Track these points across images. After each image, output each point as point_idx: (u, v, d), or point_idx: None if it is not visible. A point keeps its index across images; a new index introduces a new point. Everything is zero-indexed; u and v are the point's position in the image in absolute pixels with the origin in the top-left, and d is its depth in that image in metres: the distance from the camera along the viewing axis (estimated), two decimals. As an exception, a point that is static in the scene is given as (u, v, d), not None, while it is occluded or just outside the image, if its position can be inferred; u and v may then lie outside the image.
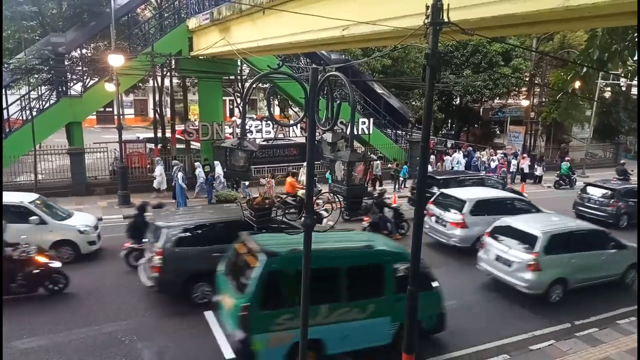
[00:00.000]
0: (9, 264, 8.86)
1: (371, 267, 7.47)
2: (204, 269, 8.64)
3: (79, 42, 19.90)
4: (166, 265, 8.69)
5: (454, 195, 13.41)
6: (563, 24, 7.93)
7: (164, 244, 8.77)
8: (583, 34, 22.39)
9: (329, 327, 6.97)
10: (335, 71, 4.52)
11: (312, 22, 9.92)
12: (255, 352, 6.58)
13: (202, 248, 8.99)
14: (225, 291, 7.43)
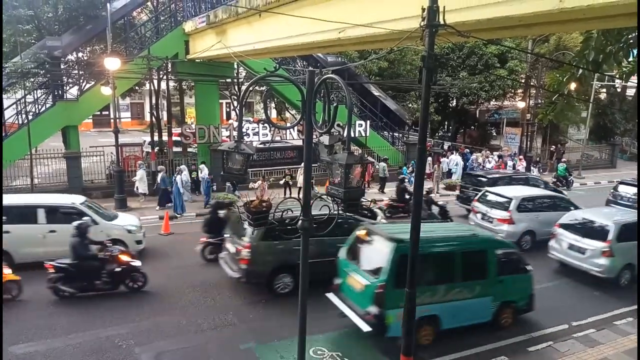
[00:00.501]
0: (95, 262, 9.47)
1: (477, 252, 8.54)
2: (287, 261, 9.49)
3: (75, 45, 19.85)
4: (254, 258, 9.45)
5: (500, 193, 14.28)
6: (558, 25, 7.97)
7: (253, 238, 9.50)
8: (578, 35, 22.49)
9: (444, 305, 7.97)
10: (332, 74, 4.51)
11: (309, 24, 9.94)
12: (387, 325, 7.50)
13: (286, 242, 9.36)
14: (352, 274, 8.24)
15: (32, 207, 11.00)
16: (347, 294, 8.32)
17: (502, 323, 8.72)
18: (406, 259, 6.72)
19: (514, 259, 8.94)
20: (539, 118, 24.55)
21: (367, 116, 24.29)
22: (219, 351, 7.83)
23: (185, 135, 20.10)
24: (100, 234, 10.81)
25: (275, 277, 9.75)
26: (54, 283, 9.28)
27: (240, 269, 9.60)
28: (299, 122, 5.09)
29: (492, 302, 8.46)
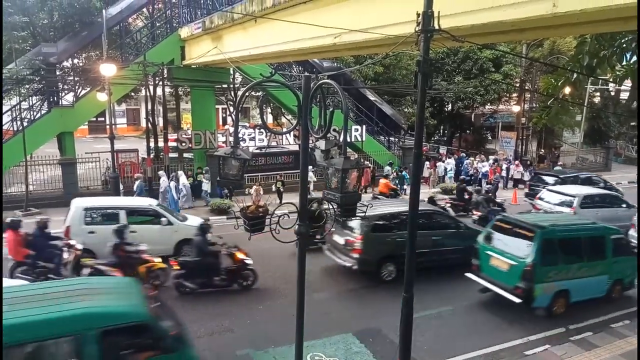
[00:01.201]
0: (215, 259, 10.00)
1: (598, 237, 9.95)
2: (391, 252, 10.60)
3: (70, 52, 19.84)
4: (365, 248, 10.53)
5: (563, 192, 15.55)
6: (552, 30, 8.03)
7: (365, 230, 10.59)
8: (572, 40, 22.69)
9: (574, 282, 9.37)
10: (328, 79, 4.53)
11: (304, 30, 9.98)
12: (535, 297, 9.02)
13: (391, 234, 10.84)
14: (496, 256, 9.69)
15: (115, 209, 11.71)
16: (490, 273, 9.82)
17: (612, 297, 10.15)
18: (548, 242, 9.07)
19: (624, 243, 10.45)
20: (534, 122, 24.86)
21: (363, 121, 24.35)
22: (215, 358, 7.78)
23: (181, 141, 20.07)
24: (176, 234, 11.73)
25: (382, 266, 10.81)
26: (178, 279, 9.80)
27: (352, 258, 10.69)
28: (295, 127, 5.11)
29: (607, 280, 9.94)
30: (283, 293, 10.23)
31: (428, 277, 10.58)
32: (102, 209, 11.80)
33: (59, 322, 5.22)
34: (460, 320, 9.32)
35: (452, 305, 9.80)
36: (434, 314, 9.44)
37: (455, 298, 10.22)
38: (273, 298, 10.05)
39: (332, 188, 4.49)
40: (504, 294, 9.36)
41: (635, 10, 5.53)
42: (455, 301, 10.05)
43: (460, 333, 8.77)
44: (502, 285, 9.51)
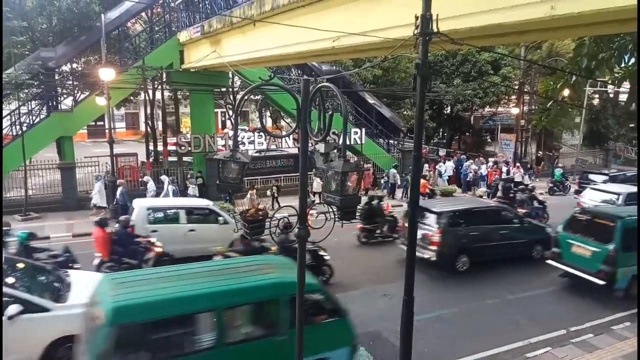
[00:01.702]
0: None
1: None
2: (465, 245, 11.63)
3: (69, 56, 19.85)
4: (443, 241, 11.38)
5: (608, 190, 16.63)
6: (550, 32, 8.06)
7: (442, 225, 11.45)
8: (570, 42, 22.74)
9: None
10: (327, 82, 4.53)
11: (303, 33, 9.99)
12: (617, 279, 9.95)
13: (465, 228, 11.81)
14: (578, 244, 10.62)
15: (175, 209, 12.38)
16: (571, 259, 10.74)
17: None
18: (627, 230, 9.88)
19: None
20: (533, 124, 24.81)
21: (363, 124, 24.37)
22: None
23: (180, 145, 20.06)
24: (232, 232, 11.84)
25: (456, 258, 11.61)
26: None
27: (431, 250, 11.50)
28: (294, 131, 5.11)
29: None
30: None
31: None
32: (163, 209, 12.47)
33: (262, 289, 6.48)
34: (463, 322, 9.29)
35: (455, 308, 9.79)
36: (435, 316, 9.43)
37: (461, 300, 10.22)
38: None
39: (331, 191, 4.49)
40: (586, 277, 10.33)
41: (632, 13, 5.55)
42: (461, 303, 10.04)
43: (463, 335, 8.74)
44: (584, 270, 10.45)
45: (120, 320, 5.40)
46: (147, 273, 7.01)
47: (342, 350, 7.00)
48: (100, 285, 6.29)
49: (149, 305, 5.68)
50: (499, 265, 11.95)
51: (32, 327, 6.64)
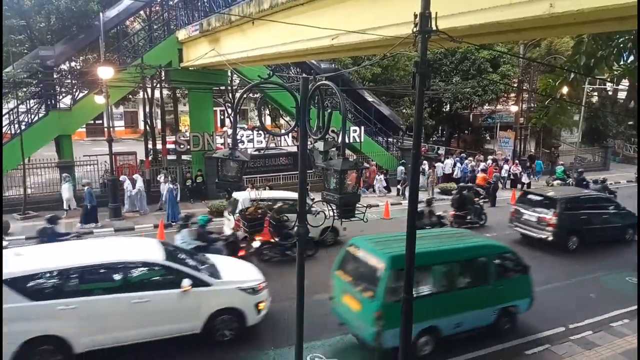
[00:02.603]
0: None
1: None
2: (575, 226, 13.55)
3: (67, 55, 19.80)
4: (559, 223, 13.29)
5: None
6: (549, 30, 8.04)
7: (559, 209, 13.40)
8: (569, 40, 22.73)
9: None
10: (326, 80, 4.53)
11: (302, 31, 9.97)
12: None
13: (576, 212, 13.68)
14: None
15: (274, 200, 12.89)
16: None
17: None
18: None
19: None
20: (532, 122, 24.80)
21: (362, 122, 24.35)
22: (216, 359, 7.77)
23: (179, 143, 20.05)
24: (320, 222, 12.47)
25: (568, 238, 13.52)
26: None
27: (547, 231, 13.38)
28: (293, 129, 5.10)
29: None
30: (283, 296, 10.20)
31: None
32: (264, 200, 12.63)
33: (477, 249, 8.63)
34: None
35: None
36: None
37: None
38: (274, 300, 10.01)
39: (331, 189, 4.49)
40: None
41: (632, 10, 5.54)
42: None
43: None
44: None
45: (395, 266, 7.24)
46: (388, 236, 8.97)
47: (526, 300, 8.76)
48: (362, 242, 8.37)
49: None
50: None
51: (198, 300, 7.75)
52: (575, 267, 12.52)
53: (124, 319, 7.34)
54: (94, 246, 8.85)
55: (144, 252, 8.04)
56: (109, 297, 7.30)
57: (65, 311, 6.98)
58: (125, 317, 7.34)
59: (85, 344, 7.17)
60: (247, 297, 8.14)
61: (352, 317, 7.83)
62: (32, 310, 6.87)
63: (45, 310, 6.95)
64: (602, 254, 13.52)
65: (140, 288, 7.50)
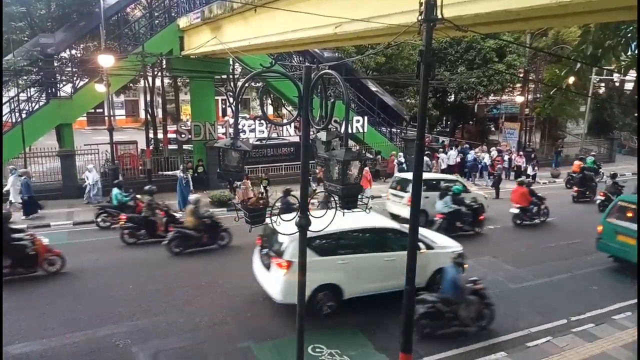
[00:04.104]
0: None
1: None
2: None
3: (68, 42, 19.68)
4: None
5: None
6: (557, 19, 7.91)
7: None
8: (577, 29, 22.43)
9: None
10: (329, 69, 4.44)
11: (305, 20, 9.85)
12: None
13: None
14: None
15: (428, 180, 15.05)
16: None
17: None
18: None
19: None
20: (537, 112, 24.50)
21: (365, 112, 24.21)
22: (216, 350, 7.77)
23: (180, 133, 19.98)
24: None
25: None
26: None
27: None
28: (295, 119, 5.03)
29: None
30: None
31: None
32: (430, 180, 15.32)
33: None
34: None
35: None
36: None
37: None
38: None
39: (333, 179, 4.43)
40: None
41: (641, -2, 5.41)
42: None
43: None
44: None
45: None
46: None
47: None
48: (630, 198, 11.50)
49: None
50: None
51: (427, 260, 9.35)
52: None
53: (377, 273, 9.02)
54: (349, 216, 10.41)
55: (387, 221, 10.29)
56: (369, 255, 9.09)
57: (341, 265, 8.75)
58: (379, 271, 9.02)
59: (351, 292, 8.89)
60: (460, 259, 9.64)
61: (629, 249, 10.60)
62: (320, 263, 8.44)
63: (328, 264, 8.65)
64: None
65: (389, 249, 9.21)
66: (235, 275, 10.54)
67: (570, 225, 15.62)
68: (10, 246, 9.94)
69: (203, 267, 11.31)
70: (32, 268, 10.23)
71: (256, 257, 9.57)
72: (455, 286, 8.11)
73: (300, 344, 5.06)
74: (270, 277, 8.69)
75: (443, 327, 8.16)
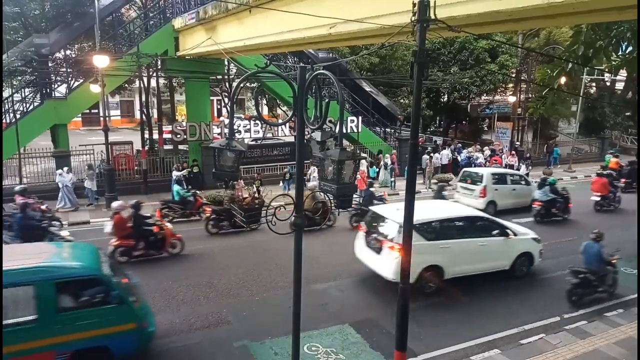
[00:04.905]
0: None
1: None
2: None
3: (62, 43, 19.60)
4: None
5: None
6: (548, 20, 7.99)
7: None
8: (568, 30, 22.62)
9: None
10: (323, 69, 4.49)
11: (299, 20, 9.89)
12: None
13: None
14: None
15: (503, 174, 17.37)
16: None
17: None
18: None
19: None
20: (529, 112, 24.59)
21: (359, 112, 24.27)
22: (213, 349, 7.81)
23: (176, 133, 19.95)
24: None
25: None
26: None
27: None
28: (290, 119, 5.07)
29: None
30: (278, 285, 10.27)
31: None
32: (498, 174, 17.24)
33: None
34: (455, 309, 9.40)
35: (445, 295, 9.91)
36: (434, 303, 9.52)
37: (451, 288, 10.29)
38: (268, 289, 10.07)
39: (328, 179, 4.48)
40: None
41: (631, 0, 5.51)
42: (449, 291, 10.13)
43: (456, 322, 8.84)
44: None
45: None
46: None
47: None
48: None
49: None
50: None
51: (513, 245, 10.80)
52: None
53: (472, 256, 10.22)
54: (444, 205, 12.34)
55: (477, 211, 11.71)
56: (466, 240, 10.29)
57: (443, 249, 9.92)
58: (473, 255, 10.24)
59: (450, 272, 10.02)
60: (536, 245, 11.17)
61: None
62: (427, 247, 9.65)
63: (433, 248, 9.82)
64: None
65: (482, 235, 10.50)
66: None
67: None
68: (143, 231, 11.28)
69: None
70: (161, 250, 11.60)
71: (360, 241, 10.71)
72: (599, 259, 9.49)
73: (296, 343, 5.11)
74: (382, 258, 9.79)
75: (590, 294, 9.68)
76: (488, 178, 16.52)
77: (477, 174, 17.03)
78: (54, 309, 6.45)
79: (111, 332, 6.75)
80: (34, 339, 6.33)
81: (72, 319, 6.58)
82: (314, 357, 7.58)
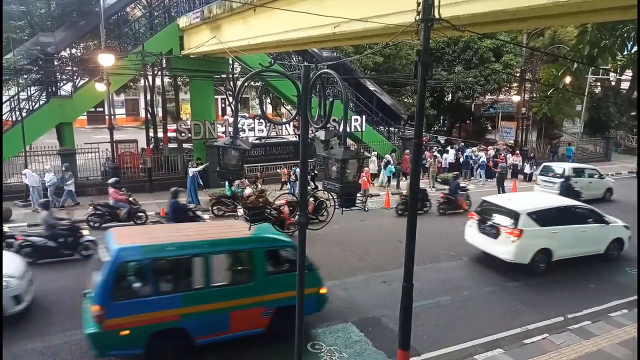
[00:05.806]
0: None
1: None
2: None
3: (68, 41, 19.70)
4: None
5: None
6: (553, 19, 7.97)
7: None
8: (573, 29, 22.53)
9: None
10: (327, 69, 4.50)
11: (303, 19, 9.90)
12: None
13: None
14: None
15: (576, 169, 19.02)
16: None
17: None
18: None
19: None
20: (534, 111, 24.54)
21: (363, 111, 24.26)
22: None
23: (180, 132, 20.01)
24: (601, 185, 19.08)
25: None
26: None
27: None
28: (294, 118, 5.10)
29: None
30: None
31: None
32: (577, 168, 19.02)
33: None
34: (460, 309, 9.39)
35: (450, 295, 9.87)
36: (433, 303, 9.54)
37: (455, 289, 10.29)
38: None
39: (332, 178, 4.50)
40: None
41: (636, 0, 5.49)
42: (455, 291, 10.11)
43: (460, 321, 8.84)
44: None
45: None
46: None
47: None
48: None
49: None
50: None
51: (608, 232, 12.05)
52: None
53: (576, 241, 11.41)
54: (548, 196, 13.93)
55: (575, 201, 12.89)
56: (572, 226, 11.40)
57: (554, 234, 11.13)
58: (576, 239, 11.40)
59: (558, 255, 11.19)
60: (626, 231, 12.39)
61: None
62: (540, 232, 10.99)
63: (545, 233, 11.05)
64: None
65: (583, 222, 11.69)
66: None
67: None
68: (266, 215, 11.64)
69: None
70: (282, 229, 12.02)
71: (473, 228, 11.97)
72: None
73: (299, 341, 5.13)
74: (500, 243, 11.05)
75: None
76: (569, 171, 18.07)
77: (558, 168, 19.00)
78: (264, 272, 7.57)
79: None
80: (251, 295, 7.45)
81: (276, 280, 7.67)
82: (317, 355, 7.60)
